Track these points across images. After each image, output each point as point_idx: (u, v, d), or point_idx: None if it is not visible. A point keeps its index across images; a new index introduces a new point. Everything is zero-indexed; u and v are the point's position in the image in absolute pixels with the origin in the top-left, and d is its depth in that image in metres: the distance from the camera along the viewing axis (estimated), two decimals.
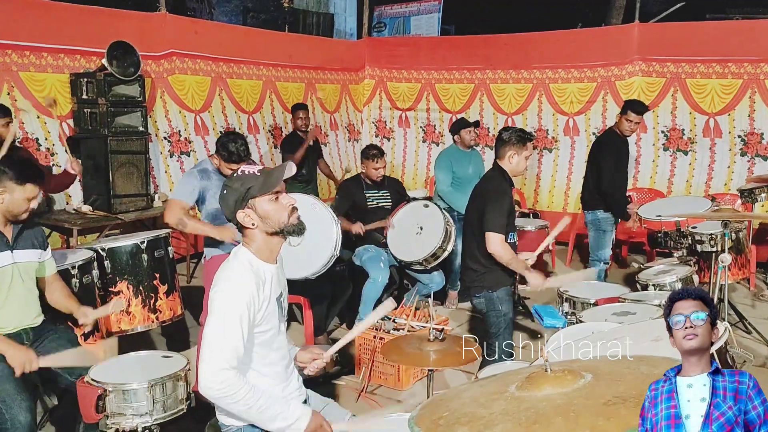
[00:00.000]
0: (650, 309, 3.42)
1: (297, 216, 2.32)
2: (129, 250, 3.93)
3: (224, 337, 2.16)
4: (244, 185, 2.25)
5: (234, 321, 2.17)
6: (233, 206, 2.28)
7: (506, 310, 3.75)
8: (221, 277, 2.28)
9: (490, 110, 8.25)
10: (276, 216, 2.27)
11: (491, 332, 3.76)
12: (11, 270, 2.92)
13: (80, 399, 2.58)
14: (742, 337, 4.83)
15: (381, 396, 4.09)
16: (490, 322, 3.79)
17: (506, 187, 3.78)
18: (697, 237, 4.66)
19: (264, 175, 2.27)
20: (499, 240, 3.63)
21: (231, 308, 2.18)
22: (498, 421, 1.65)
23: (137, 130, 5.69)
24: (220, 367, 2.13)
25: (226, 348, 2.15)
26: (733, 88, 6.90)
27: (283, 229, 2.29)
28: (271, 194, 2.26)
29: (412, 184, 8.73)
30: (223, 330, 2.16)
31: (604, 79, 7.57)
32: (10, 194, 2.87)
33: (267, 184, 2.26)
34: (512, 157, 3.75)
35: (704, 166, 7.15)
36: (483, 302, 3.78)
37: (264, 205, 2.26)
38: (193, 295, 4.88)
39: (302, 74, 8.28)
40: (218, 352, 2.14)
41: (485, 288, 3.75)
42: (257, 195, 2.25)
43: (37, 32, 5.52)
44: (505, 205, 3.70)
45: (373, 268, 4.89)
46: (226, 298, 2.21)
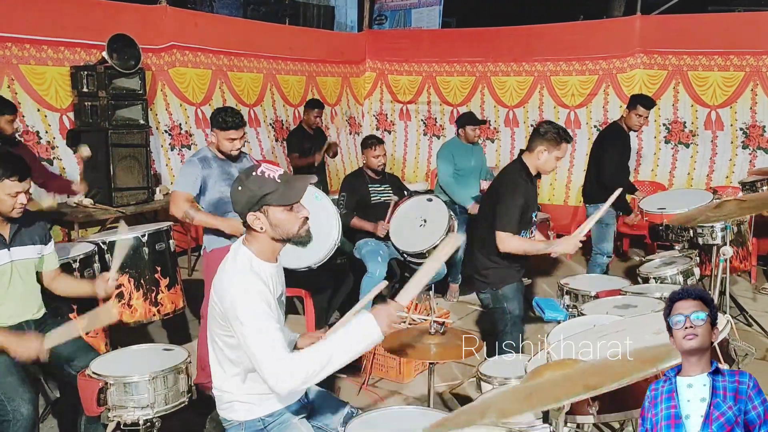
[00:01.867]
0: (651, 302, 3.42)
1: (307, 228, 2.26)
2: (130, 243, 3.92)
3: (267, 333, 2.10)
4: (261, 189, 2.17)
5: (265, 315, 2.12)
6: (245, 205, 2.20)
7: (512, 308, 3.67)
8: (232, 281, 2.19)
9: (491, 103, 8.23)
10: (287, 226, 2.22)
11: (498, 329, 3.72)
12: (9, 268, 2.90)
13: (81, 392, 2.58)
14: (744, 330, 4.83)
15: (382, 388, 4.10)
16: (495, 318, 3.76)
17: (521, 182, 3.59)
18: (698, 229, 4.65)
19: (284, 184, 2.18)
20: (508, 237, 3.50)
21: (256, 305, 2.13)
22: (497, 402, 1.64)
23: (138, 123, 5.68)
24: (280, 358, 2.07)
25: (275, 340, 2.09)
26: (735, 80, 6.88)
27: (290, 238, 2.25)
28: (288, 206, 2.20)
29: (413, 177, 8.72)
30: (261, 327, 2.10)
31: (605, 71, 7.54)
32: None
33: (286, 196, 2.18)
34: (542, 153, 3.57)
35: (706, 158, 7.13)
36: (488, 298, 3.74)
37: (277, 214, 2.19)
38: (195, 288, 4.87)
39: (303, 67, 8.26)
40: (270, 349, 2.08)
41: (489, 285, 3.71)
42: (272, 204, 2.18)
43: (38, 25, 5.51)
44: (518, 201, 3.52)
45: (371, 262, 4.89)
46: (246, 302, 2.13)
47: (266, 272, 2.26)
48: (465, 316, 5.39)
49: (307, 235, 2.28)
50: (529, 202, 3.60)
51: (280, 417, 2.34)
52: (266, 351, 2.08)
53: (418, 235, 4.92)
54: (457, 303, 5.68)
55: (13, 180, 2.78)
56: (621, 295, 3.71)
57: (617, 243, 6.54)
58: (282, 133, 7.81)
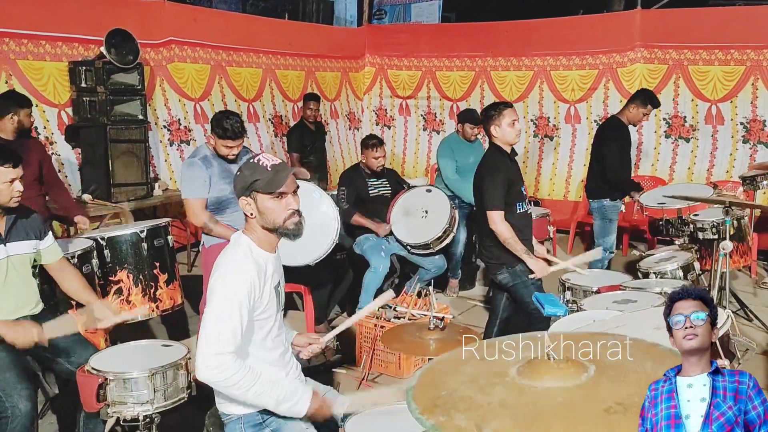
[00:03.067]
0: (651, 297, 3.41)
1: (295, 221, 2.31)
2: (129, 239, 3.92)
3: (223, 322, 2.17)
4: (252, 175, 2.27)
5: (234, 306, 2.18)
6: (239, 190, 2.31)
7: (533, 276, 3.77)
8: (222, 263, 2.29)
9: (490, 98, 8.19)
10: (272, 215, 2.28)
11: (525, 300, 3.78)
12: (5, 263, 2.89)
13: (81, 388, 2.57)
14: (744, 324, 4.82)
15: (382, 384, 4.10)
16: (520, 294, 3.82)
17: (499, 161, 3.80)
18: (698, 224, 4.64)
19: (274, 173, 2.26)
20: (499, 217, 3.70)
21: (232, 294, 2.19)
22: (496, 413, 1.64)
23: (137, 119, 5.66)
24: (217, 351, 2.14)
25: (225, 332, 2.16)
26: (736, 75, 6.86)
27: (276, 229, 2.30)
28: (275, 194, 2.26)
29: (413, 173, 8.71)
30: (223, 315, 2.17)
31: (605, 66, 7.52)
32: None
33: (271, 183, 2.25)
34: (496, 129, 3.79)
35: (706, 153, 7.12)
36: (507, 277, 3.83)
37: (264, 201, 2.27)
38: (193, 284, 4.87)
39: (302, 62, 8.24)
40: (216, 337, 2.16)
41: (504, 264, 3.81)
42: (260, 190, 2.26)
43: (35, 20, 5.49)
44: (499, 179, 3.72)
45: (374, 257, 4.88)
46: (227, 283, 2.21)
47: (265, 259, 2.33)
48: (465, 311, 5.39)
49: (295, 229, 2.31)
50: (510, 176, 3.78)
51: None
52: (213, 336, 2.16)
53: (421, 227, 4.92)
54: (457, 298, 5.67)
55: (7, 167, 2.81)
56: (621, 291, 3.70)
57: (617, 238, 6.53)
58: (281, 128, 7.79)
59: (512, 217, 3.77)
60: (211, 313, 2.19)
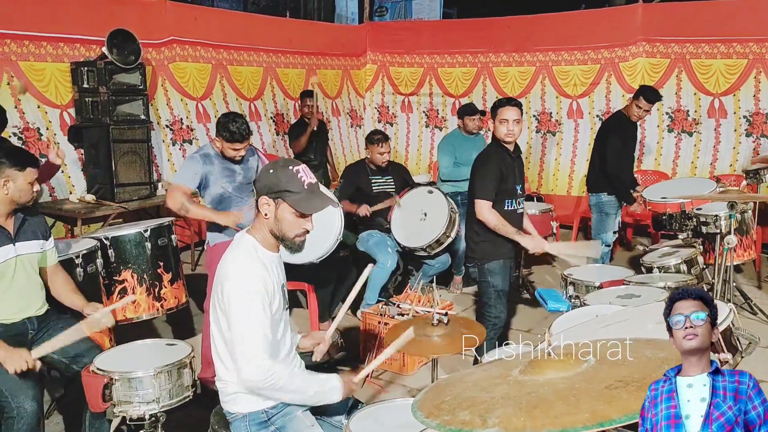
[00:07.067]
0: (655, 291, 3.41)
1: (302, 240, 2.33)
2: (133, 238, 3.93)
3: (255, 329, 2.18)
4: (287, 185, 2.23)
5: (258, 310, 2.19)
6: (265, 187, 2.27)
7: (496, 282, 3.84)
8: (232, 270, 2.26)
9: (493, 93, 8.19)
10: (286, 228, 2.28)
11: (483, 300, 3.94)
12: (14, 262, 2.91)
13: (86, 388, 2.58)
14: (748, 318, 4.82)
15: (386, 381, 4.11)
16: (481, 291, 3.97)
17: (493, 154, 3.83)
18: (702, 219, 4.63)
19: (308, 193, 2.25)
20: (486, 206, 3.73)
21: (252, 299, 2.20)
22: (499, 405, 1.65)
23: (139, 119, 5.68)
24: (261, 359, 2.18)
25: (258, 338, 2.18)
26: (738, 68, 6.84)
27: (283, 239, 2.32)
28: (299, 213, 2.27)
29: (416, 170, 8.70)
30: (252, 322, 2.18)
31: (607, 60, 7.51)
32: (13, 182, 2.86)
33: (302, 204, 2.25)
34: (493, 124, 3.85)
35: (709, 147, 7.10)
36: (476, 271, 3.95)
37: (285, 213, 2.27)
38: (198, 282, 4.89)
39: (303, 60, 8.24)
40: (253, 345, 2.18)
41: (476, 259, 3.90)
42: (287, 202, 2.25)
43: (36, 21, 5.50)
44: (492, 170, 3.75)
45: (382, 254, 4.88)
46: (244, 290, 2.20)
47: (269, 259, 2.34)
48: (468, 307, 5.39)
49: (299, 246, 2.34)
50: (504, 170, 3.78)
51: (284, 409, 2.35)
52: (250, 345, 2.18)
53: (419, 229, 4.92)
54: (461, 294, 5.67)
55: (33, 169, 2.92)
56: (624, 285, 3.70)
57: (621, 232, 6.53)
58: (283, 126, 7.79)
59: (499, 212, 3.77)
60: (239, 323, 2.19)
